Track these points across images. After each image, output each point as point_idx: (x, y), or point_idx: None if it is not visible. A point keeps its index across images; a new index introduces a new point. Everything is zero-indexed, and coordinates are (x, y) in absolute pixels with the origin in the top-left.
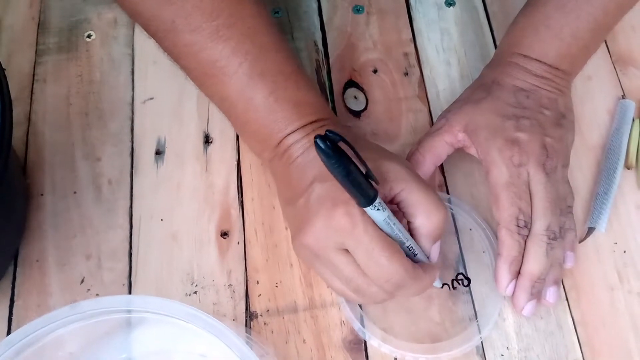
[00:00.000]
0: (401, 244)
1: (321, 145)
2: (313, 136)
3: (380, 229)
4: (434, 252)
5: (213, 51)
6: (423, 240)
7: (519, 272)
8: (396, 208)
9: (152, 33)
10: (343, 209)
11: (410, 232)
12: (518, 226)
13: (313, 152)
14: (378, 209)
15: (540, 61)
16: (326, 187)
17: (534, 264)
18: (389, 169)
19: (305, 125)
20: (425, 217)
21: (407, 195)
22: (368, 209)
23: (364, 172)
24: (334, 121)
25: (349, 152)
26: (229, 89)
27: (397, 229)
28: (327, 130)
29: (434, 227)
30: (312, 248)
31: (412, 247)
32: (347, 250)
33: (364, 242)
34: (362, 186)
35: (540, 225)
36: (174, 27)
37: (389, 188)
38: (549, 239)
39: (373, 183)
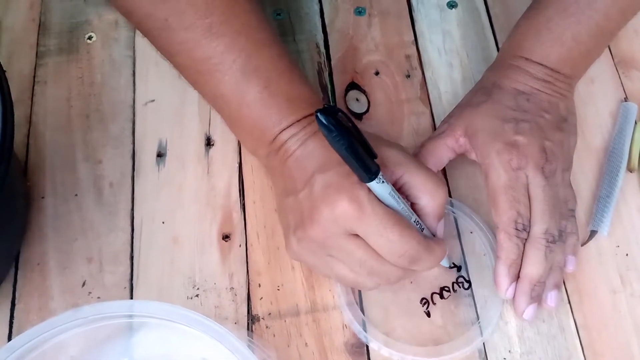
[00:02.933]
0: (408, 218)
1: (322, 119)
2: (309, 130)
3: (387, 207)
4: (440, 229)
5: (207, 48)
6: (429, 219)
7: (519, 276)
8: None
9: (146, 31)
10: (348, 194)
11: (415, 213)
12: (517, 229)
13: (311, 145)
14: (383, 182)
15: (541, 64)
16: (328, 177)
17: (533, 267)
18: (388, 155)
19: (300, 119)
20: (429, 196)
21: (409, 178)
22: (373, 184)
23: (363, 147)
24: None
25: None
26: (223, 86)
27: (402, 203)
28: (325, 104)
29: (438, 205)
30: (318, 239)
31: (419, 222)
32: (356, 235)
33: (374, 224)
34: (365, 159)
35: (538, 228)
36: (168, 25)
37: (389, 173)
38: (548, 242)
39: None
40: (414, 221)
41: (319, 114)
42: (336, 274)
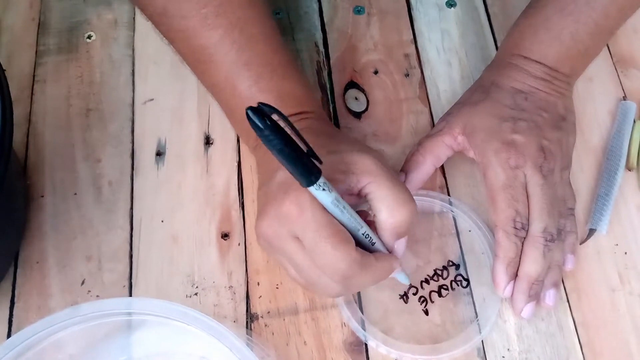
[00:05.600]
0: (355, 230)
1: (252, 117)
2: None
3: (331, 216)
4: (399, 247)
5: (202, 38)
6: (385, 234)
7: (517, 274)
8: (365, 201)
9: (149, 17)
10: (293, 195)
11: (374, 226)
12: (515, 228)
13: None
14: (323, 189)
15: (539, 63)
16: (283, 175)
17: (531, 265)
18: (357, 161)
19: (288, 116)
20: (389, 212)
21: (374, 189)
22: (312, 189)
23: (305, 150)
24: (318, 115)
25: (288, 130)
26: (217, 76)
27: (347, 213)
28: (259, 103)
29: (398, 223)
30: (266, 235)
31: (368, 234)
32: (299, 239)
33: (311, 229)
34: (302, 163)
35: (536, 227)
36: (166, 12)
37: (355, 180)
38: (546, 240)
39: (317, 163)
40: (363, 234)
41: (249, 112)
42: (287, 272)
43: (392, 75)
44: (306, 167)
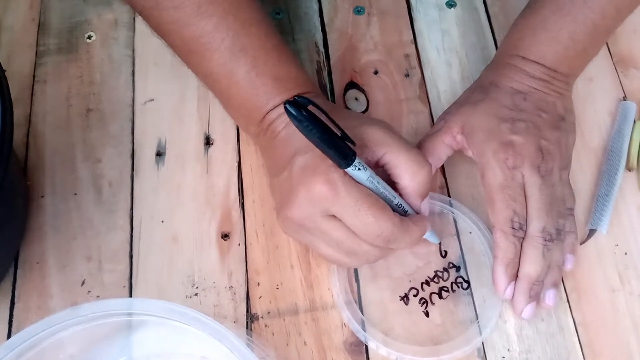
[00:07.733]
0: (390, 202)
1: (291, 110)
2: None
3: (364, 189)
4: (424, 208)
5: (196, 28)
6: (411, 199)
7: (517, 275)
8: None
9: (139, 10)
10: (322, 177)
11: (398, 193)
12: (513, 228)
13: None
14: (359, 169)
15: (538, 63)
16: (306, 158)
17: (531, 265)
18: (369, 135)
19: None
20: (409, 176)
21: (390, 158)
22: (349, 170)
23: (339, 134)
24: (316, 94)
25: (322, 117)
26: (213, 65)
27: (382, 187)
28: (295, 96)
29: (419, 185)
30: (297, 220)
31: (401, 204)
32: (333, 216)
33: (349, 205)
34: (339, 147)
35: (535, 226)
36: (158, 4)
37: (371, 153)
38: (545, 240)
39: (350, 145)
40: (396, 204)
41: (287, 106)
42: (320, 253)
43: (392, 76)
44: (343, 150)
